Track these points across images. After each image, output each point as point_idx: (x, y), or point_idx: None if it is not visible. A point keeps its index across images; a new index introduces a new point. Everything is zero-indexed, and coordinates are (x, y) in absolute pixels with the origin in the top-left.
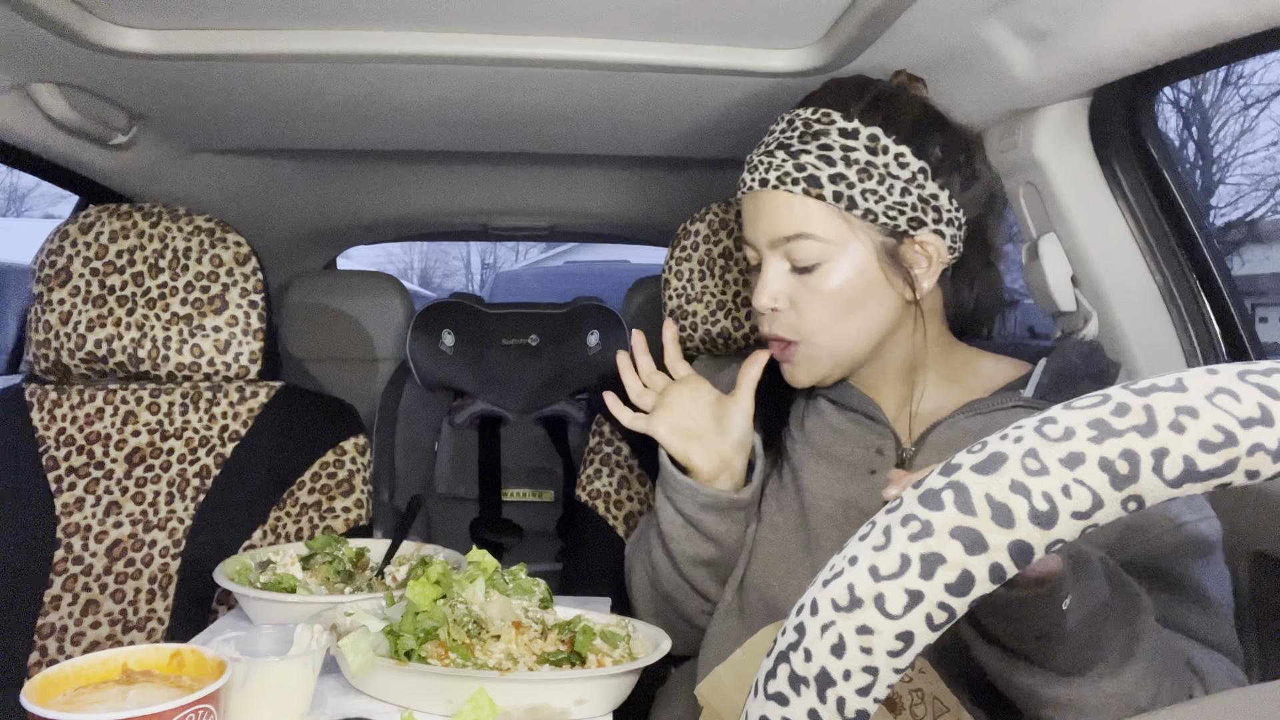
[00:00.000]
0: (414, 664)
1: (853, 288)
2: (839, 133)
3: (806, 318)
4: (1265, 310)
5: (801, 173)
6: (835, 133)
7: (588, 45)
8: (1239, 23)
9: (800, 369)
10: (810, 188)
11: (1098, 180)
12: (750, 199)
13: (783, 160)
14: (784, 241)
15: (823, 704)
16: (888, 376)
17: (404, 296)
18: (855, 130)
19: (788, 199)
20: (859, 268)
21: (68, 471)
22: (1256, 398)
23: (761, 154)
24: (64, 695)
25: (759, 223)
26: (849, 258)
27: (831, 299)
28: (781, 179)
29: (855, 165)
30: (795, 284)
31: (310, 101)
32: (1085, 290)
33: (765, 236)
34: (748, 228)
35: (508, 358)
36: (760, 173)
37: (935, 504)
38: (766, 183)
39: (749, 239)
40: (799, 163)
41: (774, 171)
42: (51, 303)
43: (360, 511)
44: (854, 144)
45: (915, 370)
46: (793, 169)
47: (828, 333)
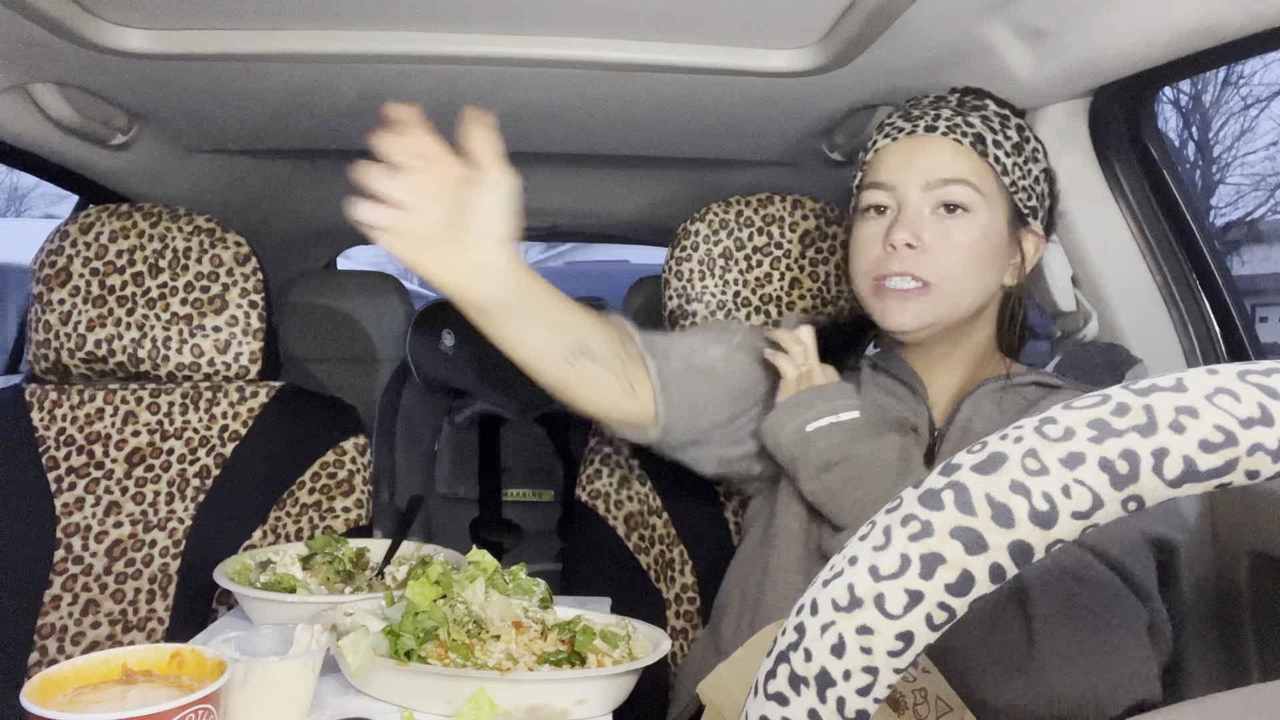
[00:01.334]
0: (414, 664)
1: (986, 246)
2: (995, 113)
3: (940, 260)
4: (1265, 310)
5: (971, 129)
6: (992, 111)
7: (588, 45)
8: (1239, 23)
9: (914, 314)
10: (976, 144)
11: (1098, 180)
12: (909, 143)
13: (952, 114)
14: (942, 184)
15: (823, 704)
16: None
17: (404, 296)
18: (1008, 116)
19: (954, 147)
20: (995, 229)
21: (68, 471)
22: (1256, 398)
23: (919, 108)
24: (64, 695)
25: (916, 164)
26: (990, 215)
27: (967, 249)
28: (952, 128)
29: (1010, 140)
30: (935, 228)
31: (310, 101)
32: (1085, 290)
33: (922, 178)
34: (892, 170)
35: (508, 358)
36: (928, 120)
37: (935, 504)
38: (935, 129)
39: (893, 182)
40: (968, 120)
41: (944, 121)
42: (51, 303)
43: (360, 511)
44: (1008, 124)
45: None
46: (963, 123)
47: (954, 280)
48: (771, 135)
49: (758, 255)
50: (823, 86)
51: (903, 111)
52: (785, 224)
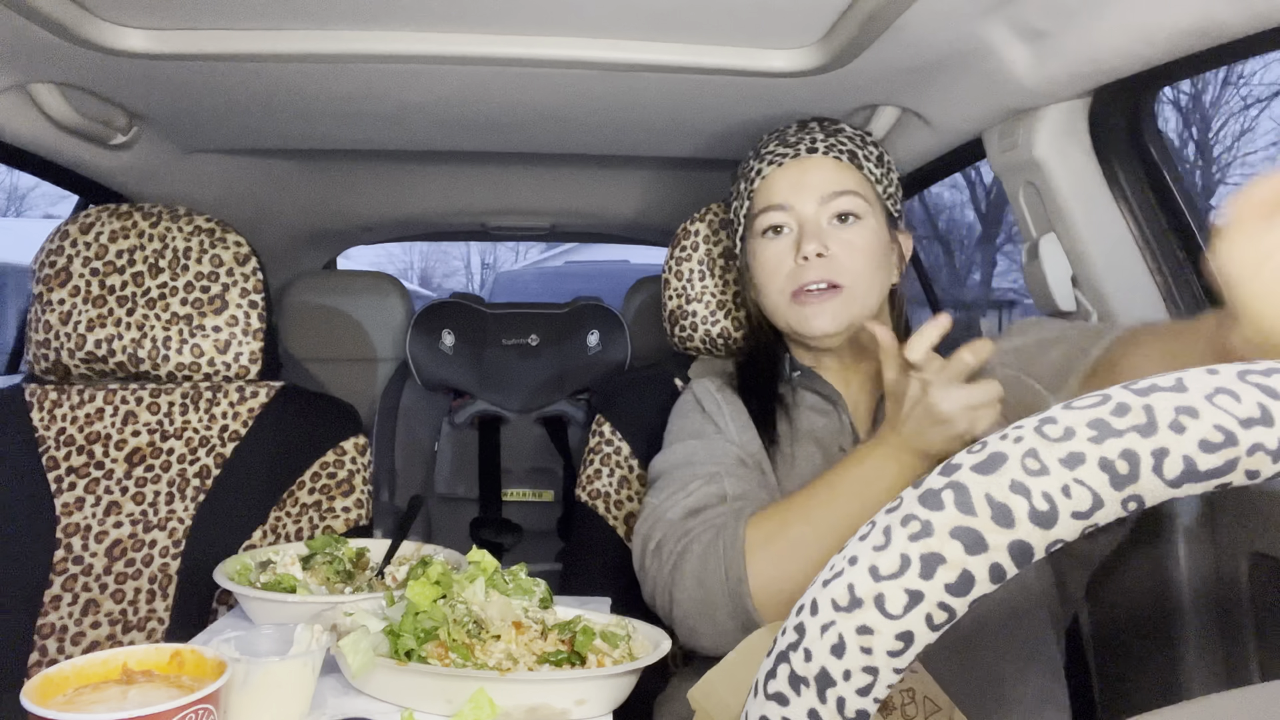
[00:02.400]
0: (414, 664)
1: (878, 247)
2: (853, 134)
3: (846, 263)
4: None
5: (844, 147)
6: (850, 130)
7: (588, 45)
8: (1239, 23)
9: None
10: (852, 159)
11: (1098, 180)
12: (795, 165)
13: (825, 137)
14: (834, 197)
15: (823, 704)
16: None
17: (404, 296)
18: (864, 136)
19: (836, 164)
20: (880, 231)
21: (68, 471)
22: (1256, 398)
23: (794, 134)
24: (64, 695)
25: (807, 182)
26: (876, 220)
27: (866, 251)
28: (829, 148)
29: (873, 155)
30: (836, 236)
31: (310, 101)
32: (1085, 290)
33: (816, 193)
34: (788, 192)
35: (507, 358)
36: (807, 144)
37: (935, 504)
38: (815, 150)
39: (789, 202)
40: (838, 140)
41: (822, 143)
42: (51, 303)
43: (360, 511)
44: (867, 143)
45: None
46: (836, 143)
47: (862, 280)
48: None
49: None
50: (823, 86)
51: (777, 139)
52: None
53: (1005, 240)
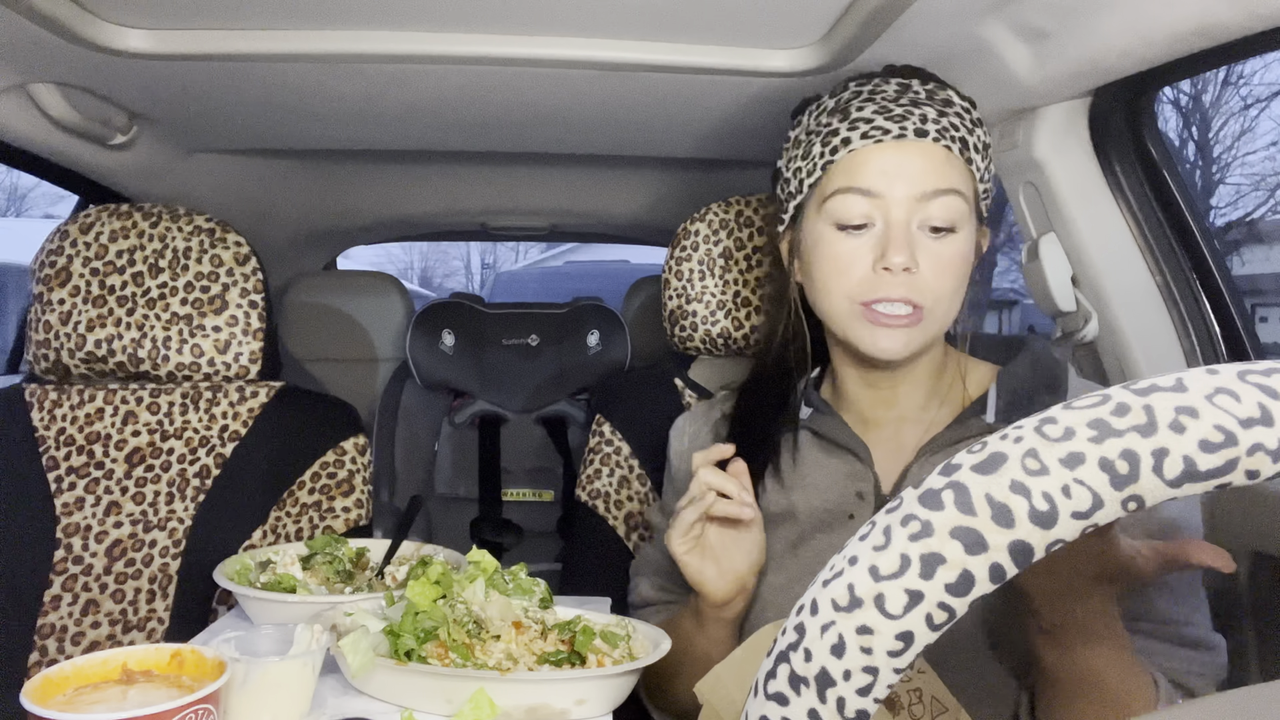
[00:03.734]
0: (414, 664)
1: (968, 263)
2: (961, 107)
3: (934, 283)
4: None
5: (955, 132)
6: (959, 104)
7: (588, 45)
8: (1239, 23)
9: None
10: (963, 149)
11: (1098, 180)
12: (894, 149)
13: (937, 117)
14: (933, 196)
15: (823, 704)
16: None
17: (404, 296)
18: (968, 108)
19: (945, 154)
20: (970, 241)
21: (68, 471)
22: (1256, 398)
23: (900, 106)
24: (64, 695)
25: (904, 173)
26: (970, 228)
27: (958, 270)
28: (942, 133)
29: (980, 141)
30: (926, 247)
31: (310, 101)
32: (1085, 290)
33: (912, 189)
34: (877, 178)
35: (508, 358)
36: (915, 123)
37: (935, 504)
38: (925, 134)
39: (876, 190)
40: (951, 122)
41: (932, 124)
42: (51, 303)
43: (360, 511)
44: (973, 119)
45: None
46: (949, 126)
47: (945, 304)
48: (772, 135)
49: (758, 255)
50: (823, 86)
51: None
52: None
53: (1005, 240)
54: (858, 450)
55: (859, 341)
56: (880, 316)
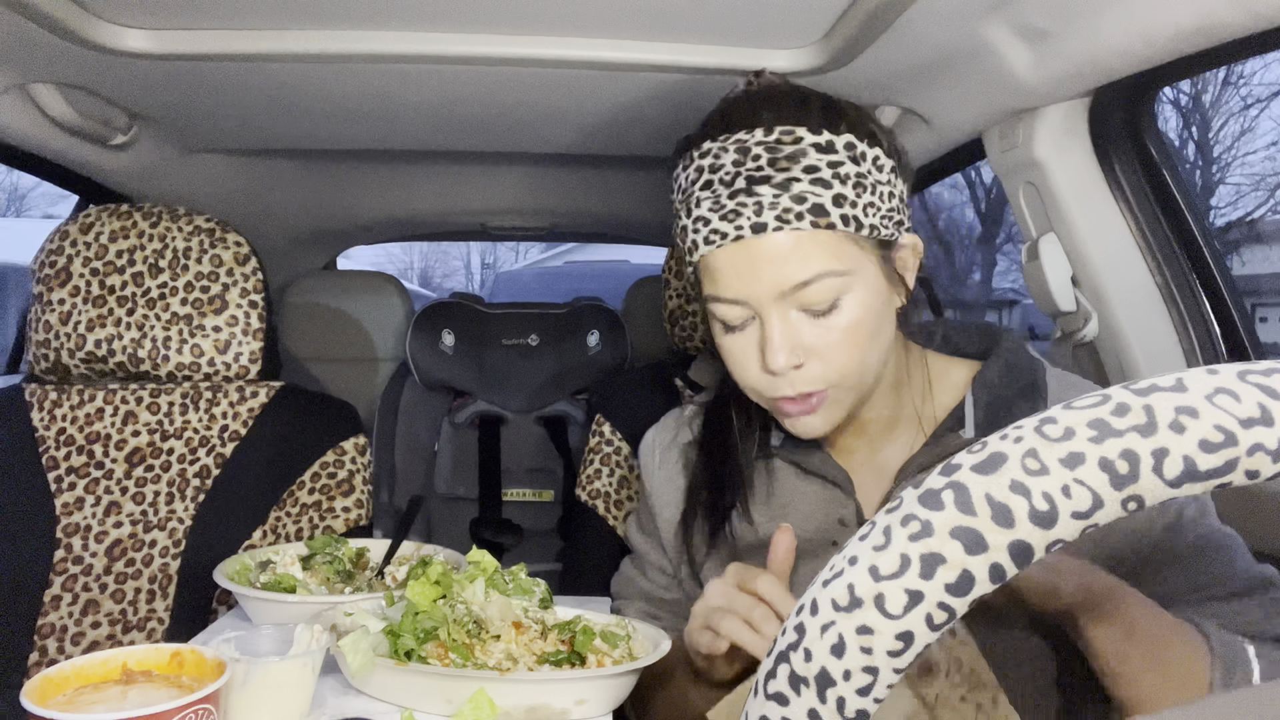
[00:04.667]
0: (414, 664)
1: (872, 314)
2: (815, 149)
3: (833, 363)
4: (1265, 310)
5: (802, 204)
6: (812, 151)
7: (588, 45)
8: (1239, 23)
9: (823, 418)
10: (818, 218)
11: (1098, 180)
12: (738, 250)
13: (775, 196)
14: (797, 289)
15: (823, 704)
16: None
17: (404, 296)
18: (830, 143)
19: (794, 238)
20: (873, 290)
21: (68, 471)
22: (1256, 398)
23: (732, 194)
24: (64, 695)
25: (758, 275)
26: (864, 283)
27: (855, 333)
28: (783, 217)
29: (849, 181)
30: (811, 329)
31: (310, 101)
32: (1085, 290)
33: (771, 290)
34: (735, 284)
35: (508, 358)
36: (750, 216)
37: (935, 504)
38: (764, 227)
39: (740, 297)
40: (795, 193)
41: (769, 211)
42: (51, 303)
43: (360, 511)
44: (837, 158)
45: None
46: (790, 202)
47: (856, 370)
48: None
49: None
50: (823, 87)
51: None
52: None
53: (1005, 240)
54: (837, 478)
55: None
56: (784, 407)
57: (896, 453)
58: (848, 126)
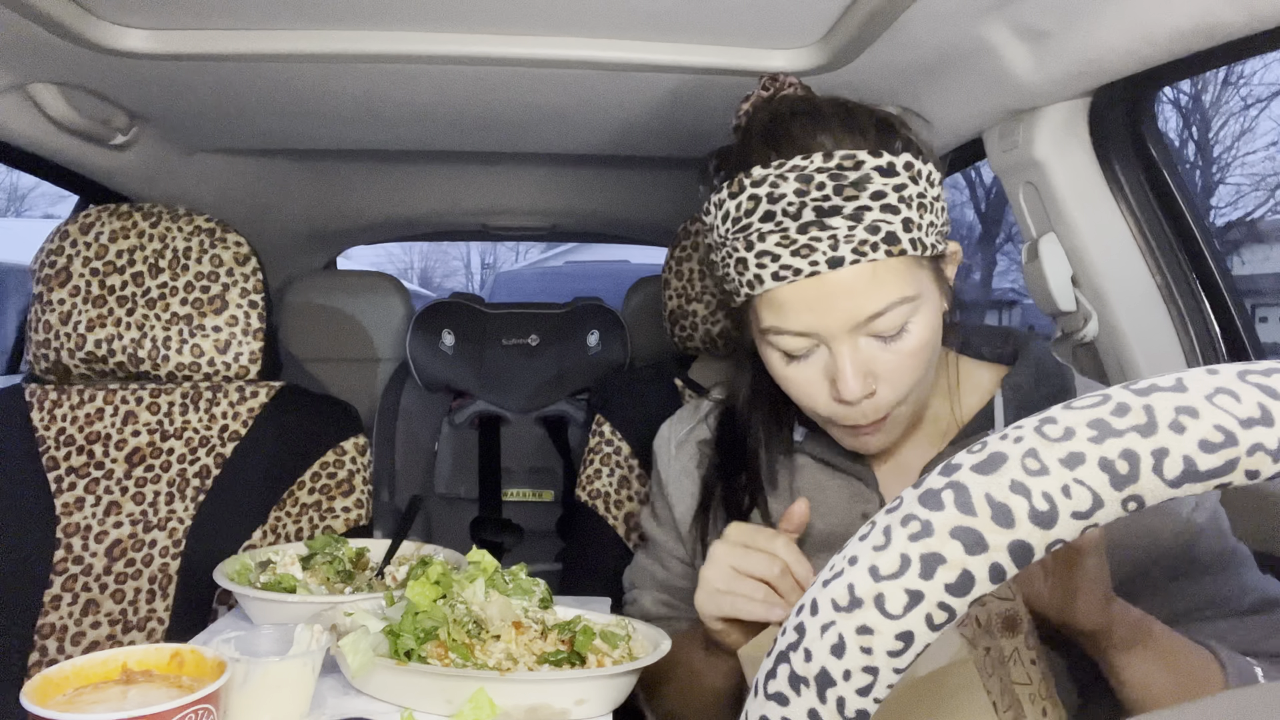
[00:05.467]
0: (414, 664)
1: (936, 333)
2: (879, 174)
3: (900, 385)
4: (1265, 310)
5: (876, 234)
6: (876, 176)
7: (588, 45)
8: (1239, 23)
9: (886, 435)
10: (891, 246)
11: (1098, 180)
12: (812, 285)
13: (849, 227)
14: (870, 320)
15: (823, 704)
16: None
17: (404, 296)
18: (891, 165)
19: (871, 269)
20: (935, 307)
21: (68, 471)
22: (1256, 398)
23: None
24: (64, 695)
25: (833, 308)
26: (928, 303)
27: (922, 355)
28: (859, 250)
29: (914, 204)
30: (881, 355)
31: (310, 101)
32: (1085, 290)
33: (845, 322)
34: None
35: (508, 358)
36: (825, 250)
37: (935, 504)
38: (840, 261)
39: (810, 330)
40: (869, 224)
41: (845, 245)
42: (51, 303)
43: (360, 511)
44: (900, 180)
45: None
46: (865, 233)
47: (917, 392)
48: None
49: None
50: (823, 86)
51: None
52: None
53: (1005, 240)
54: (861, 474)
55: (841, 442)
56: (850, 430)
57: (920, 451)
58: (902, 144)
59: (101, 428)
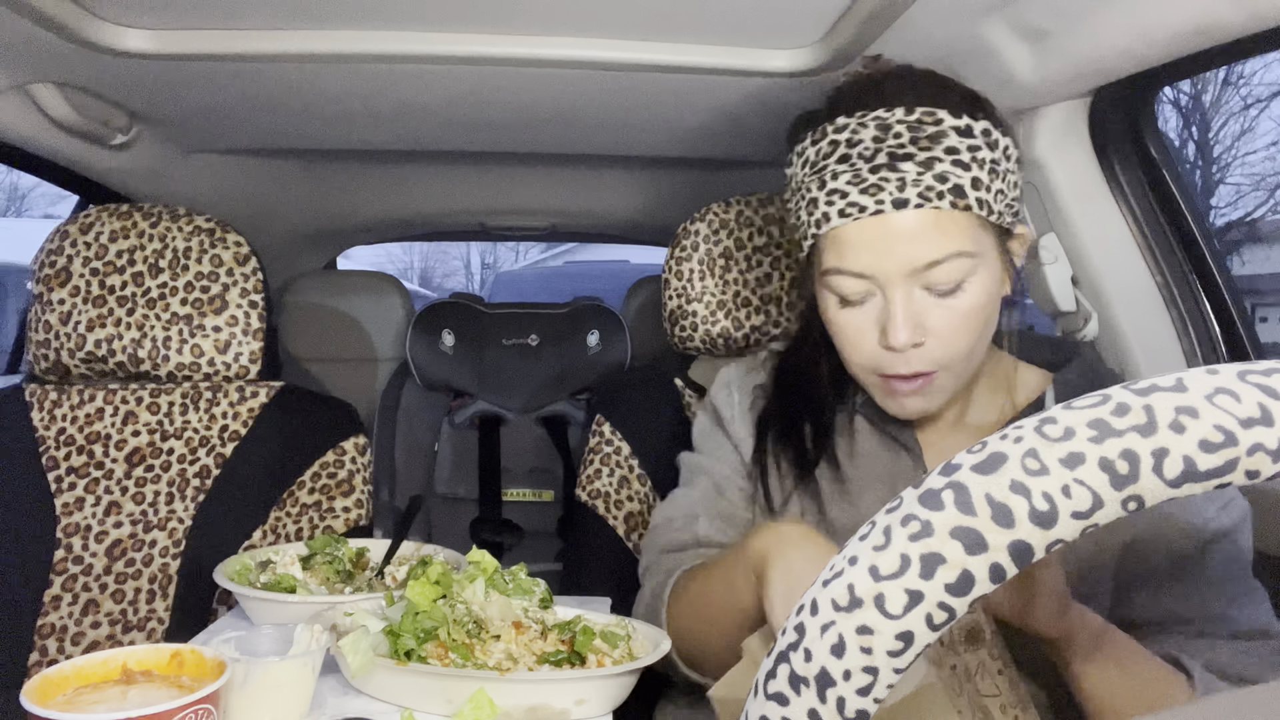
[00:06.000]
0: (414, 664)
1: (993, 299)
2: (956, 132)
3: (949, 345)
4: (1265, 310)
5: (944, 183)
6: (953, 133)
7: (588, 45)
8: (1239, 23)
9: (927, 400)
10: (957, 199)
11: (1098, 180)
12: (876, 225)
13: (918, 173)
14: (928, 268)
15: (823, 704)
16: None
17: (404, 296)
18: (969, 127)
19: (934, 217)
20: (994, 275)
21: (68, 471)
22: (1256, 398)
23: (874, 169)
24: (64, 695)
25: (893, 250)
26: (987, 268)
27: (977, 317)
28: (925, 194)
29: (985, 166)
30: (934, 309)
31: (310, 101)
32: (1085, 290)
33: (904, 266)
34: (865, 258)
35: (508, 358)
36: (892, 191)
37: (935, 504)
38: (905, 203)
39: (868, 271)
40: (938, 172)
41: (913, 188)
42: (51, 303)
43: (360, 511)
44: (975, 142)
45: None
46: (933, 180)
47: (964, 358)
48: (771, 135)
49: (758, 255)
50: (823, 86)
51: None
52: (785, 224)
53: None
54: (910, 445)
55: (880, 403)
56: (895, 385)
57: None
58: (985, 114)
59: (101, 428)
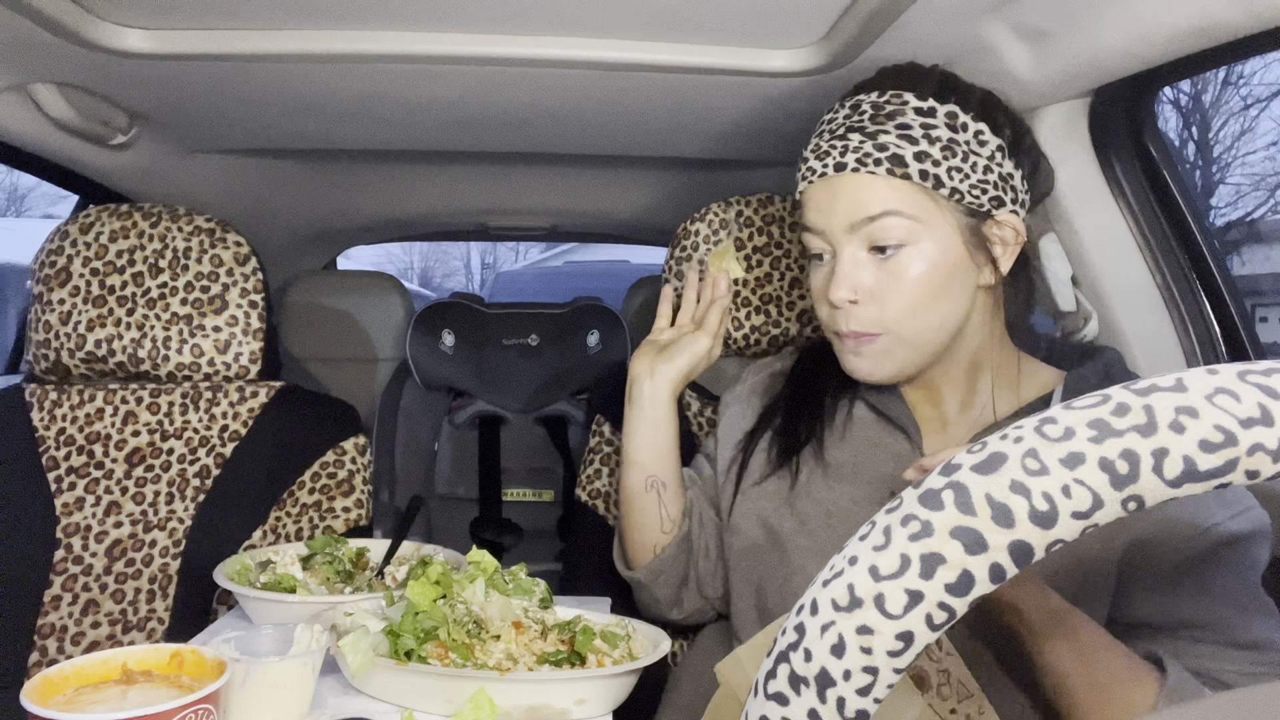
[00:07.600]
0: (414, 664)
1: (939, 272)
2: (915, 112)
3: (890, 307)
4: (1265, 310)
5: (883, 152)
6: (911, 112)
7: (588, 45)
8: (1239, 23)
9: (873, 362)
10: (895, 167)
11: (1098, 180)
12: (823, 186)
13: (860, 142)
14: (866, 223)
15: (823, 704)
16: (951, 375)
17: (404, 296)
18: (932, 109)
19: (870, 180)
20: (944, 249)
21: (68, 471)
22: (1256, 398)
23: (830, 140)
24: (64, 695)
25: (834, 208)
26: (935, 238)
27: (917, 284)
28: (862, 160)
29: (938, 143)
30: (875, 271)
31: (310, 101)
32: (1085, 290)
33: (843, 221)
34: (816, 215)
35: (508, 358)
36: (835, 157)
37: (935, 504)
38: (844, 166)
39: (817, 227)
40: (879, 143)
41: (852, 154)
42: (51, 303)
43: (360, 511)
44: (933, 121)
45: (977, 369)
46: (873, 149)
47: (911, 322)
48: (771, 135)
49: (758, 255)
50: (823, 86)
51: (814, 144)
52: (785, 224)
53: None
54: (909, 429)
55: (842, 363)
56: (846, 342)
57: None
58: (958, 99)
59: (101, 428)
